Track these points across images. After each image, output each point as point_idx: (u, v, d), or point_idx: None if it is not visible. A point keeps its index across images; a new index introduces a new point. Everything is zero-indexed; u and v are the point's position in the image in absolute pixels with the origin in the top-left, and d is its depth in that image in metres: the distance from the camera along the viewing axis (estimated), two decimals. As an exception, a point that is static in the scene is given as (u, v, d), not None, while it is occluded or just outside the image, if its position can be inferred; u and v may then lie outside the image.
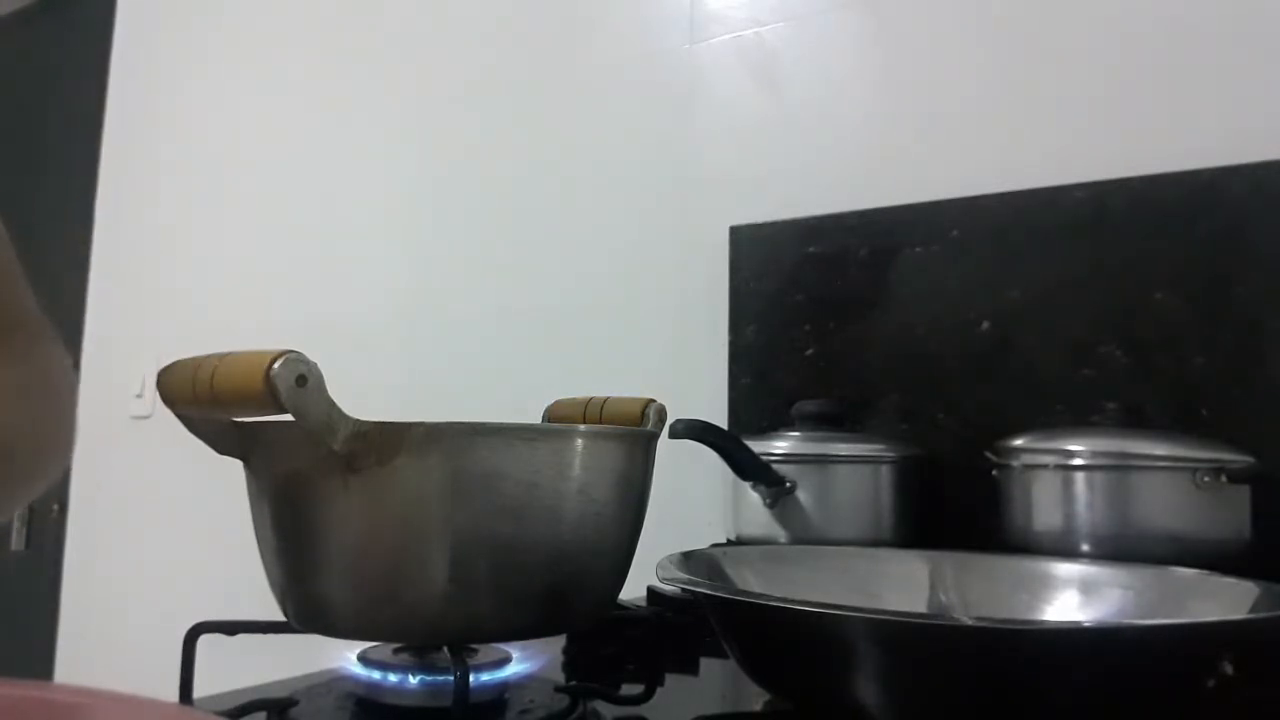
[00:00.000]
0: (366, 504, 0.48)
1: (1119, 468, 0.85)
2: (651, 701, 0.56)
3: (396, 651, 0.56)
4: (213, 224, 1.89)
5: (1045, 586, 0.68)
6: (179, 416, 0.50)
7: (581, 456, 0.52)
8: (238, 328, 1.74)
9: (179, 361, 0.48)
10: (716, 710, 0.66)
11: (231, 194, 1.87)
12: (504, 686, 0.55)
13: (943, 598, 0.69)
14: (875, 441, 1.03)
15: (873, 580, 0.70)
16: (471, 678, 0.50)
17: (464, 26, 1.56)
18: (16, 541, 2.16)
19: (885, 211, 1.15)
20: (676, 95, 1.35)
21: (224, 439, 0.52)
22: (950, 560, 0.72)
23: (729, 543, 1.02)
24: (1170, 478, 0.84)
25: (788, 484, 0.97)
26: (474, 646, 0.55)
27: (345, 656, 0.55)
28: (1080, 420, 0.95)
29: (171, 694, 0.51)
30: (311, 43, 1.77)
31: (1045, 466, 0.88)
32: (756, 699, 0.62)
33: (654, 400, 0.61)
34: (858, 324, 1.16)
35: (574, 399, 0.65)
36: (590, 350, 1.37)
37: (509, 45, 1.51)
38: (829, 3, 1.25)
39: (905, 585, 0.70)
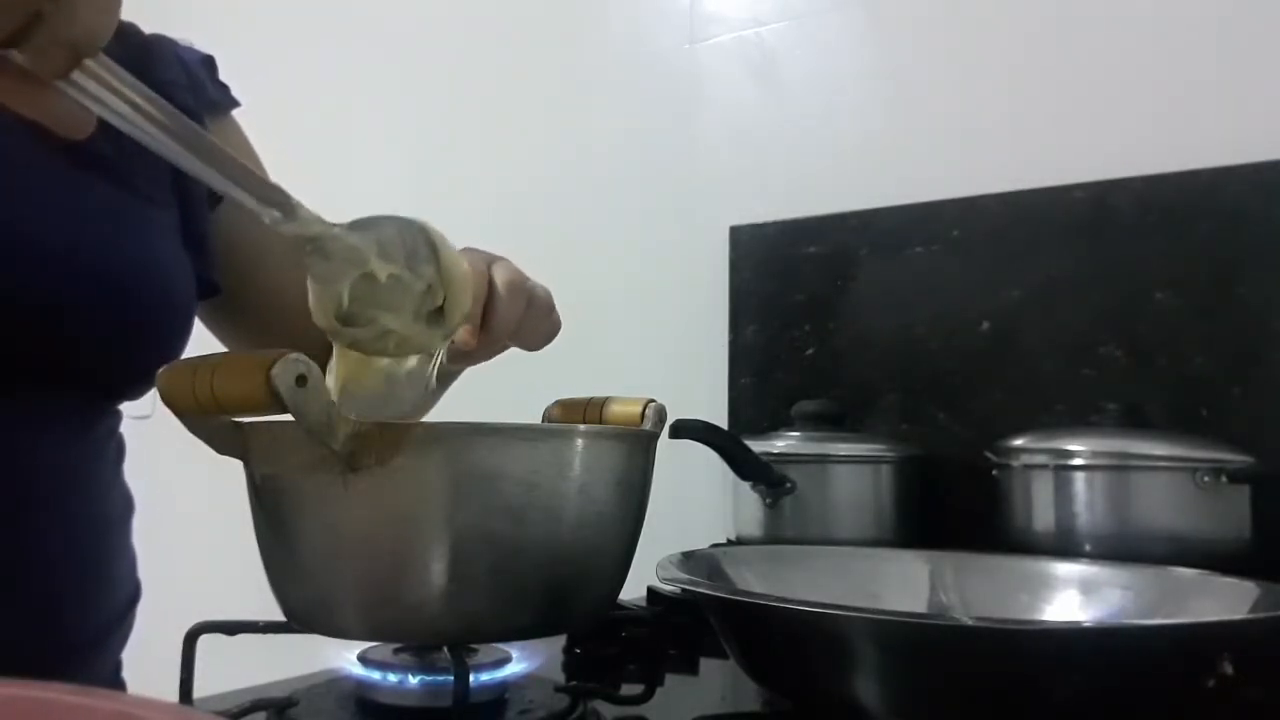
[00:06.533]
0: (366, 504, 0.48)
1: (1119, 468, 0.85)
2: (651, 701, 0.56)
3: (396, 651, 0.56)
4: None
5: (1045, 586, 0.68)
6: (178, 416, 0.50)
7: (581, 456, 0.52)
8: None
9: (179, 362, 0.48)
10: (716, 710, 0.66)
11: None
12: (504, 686, 0.55)
13: (943, 598, 0.69)
14: (875, 441, 1.03)
15: (873, 580, 0.70)
16: (471, 678, 0.50)
17: (462, 27, 1.56)
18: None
19: (885, 211, 1.15)
20: (676, 95, 1.35)
21: (224, 438, 0.52)
22: (950, 560, 0.72)
23: (729, 543, 1.02)
24: (1170, 478, 0.84)
25: (788, 484, 0.97)
26: (474, 646, 0.55)
27: (345, 656, 0.55)
28: (1080, 420, 0.95)
29: (171, 694, 0.51)
30: (308, 44, 1.77)
31: (1045, 466, 0.88)
32: (756, 699, 0.62)
33: (654, 400, 0.61)
34: (858, 324, 1.16)
35: (574, 399, 0.65)
36: (590, 350, 1.36)
37: (508, 46, 1.51)
38: (829, 3, 1.25)
39: (905, 585, 0.70)
